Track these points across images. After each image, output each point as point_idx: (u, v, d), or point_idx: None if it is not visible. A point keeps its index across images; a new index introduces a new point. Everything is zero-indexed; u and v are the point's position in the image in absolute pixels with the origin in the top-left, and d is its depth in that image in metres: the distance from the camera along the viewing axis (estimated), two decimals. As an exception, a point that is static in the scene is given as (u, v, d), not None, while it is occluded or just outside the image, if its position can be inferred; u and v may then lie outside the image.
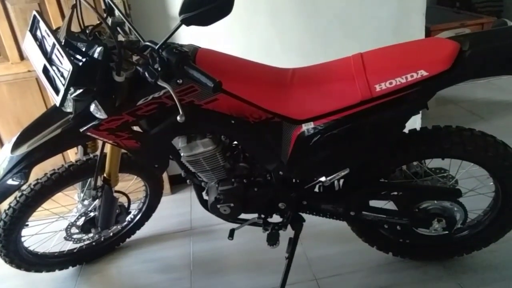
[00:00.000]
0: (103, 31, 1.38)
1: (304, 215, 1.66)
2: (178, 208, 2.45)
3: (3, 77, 2.20)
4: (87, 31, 1.35)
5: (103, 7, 1.42)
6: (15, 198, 1.61)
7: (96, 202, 1.74)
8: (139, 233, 2.18)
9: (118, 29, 1.40)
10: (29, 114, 2.28)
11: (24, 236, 1.74)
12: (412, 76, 1.24)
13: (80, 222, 1.78)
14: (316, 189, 1.59)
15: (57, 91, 1.21)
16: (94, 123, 1.31)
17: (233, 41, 2.35)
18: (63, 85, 1.17)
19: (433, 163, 1.57)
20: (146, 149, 1.41)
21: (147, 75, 1.18)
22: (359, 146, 1.36)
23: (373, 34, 2.45)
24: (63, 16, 2.12)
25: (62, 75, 1.19)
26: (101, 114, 1.25)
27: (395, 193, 1.53)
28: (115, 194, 1.74)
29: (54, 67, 1.22)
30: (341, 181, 1.57)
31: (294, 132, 1.36)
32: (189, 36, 2.29)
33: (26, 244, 1.79)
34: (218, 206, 1.57)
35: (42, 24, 1.26)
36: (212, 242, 2.13)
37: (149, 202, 2.07)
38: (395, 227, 1.57)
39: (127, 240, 2.16)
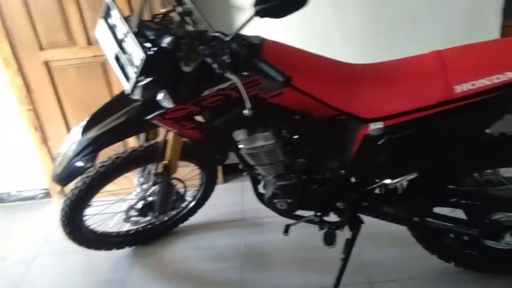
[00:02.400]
0: (172, 20, 1.38)
1: (362, 216, 1.60)
2: (229, 197, 2.46)
3: (71, 61, 2.29)
4: (156, 20, 1.35)
5: (173, -4, 1.42)
6: (82, 179, 1.67)
7: (155, 187, 1.78)
8: (192, 220, 2.21)
9: (186, 18, 1.40)
10: (94, 98, 2.36)
11: (86, 215, 1.81)
12: (498, 78, 1.14)
13: (139, 205, 1.83)
14: (377, 191, 1.52)
15: (127, 78, 1.23)
16: (160, 111, 1.33)
17: (292, 32, 2.28)
18: (134, 73, 1.18)
19: (508, 171, 1.46)
20: (208, 139, 1.41)
21: (215, 66, 1.16)
22: (432, 150, 1.28)
23: (442, 30, 2.31)
24: (129, 4, 2.16)
25: (133, 63, 1.20)
26: (168, 103, 1.25)
27: (466, 201, 1.44)
28: (173, 181, 1.77)
29: (125, 55, 1.23)
30: (405, 183, 1.49)
31: (361, 131, 1.30)
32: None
33: (88, 223, 1.86)
34: (275, 201, 1.55)
35: (115, 12, 1.28)
36: (263, 234, 2.12)
37: (204, 190, 2.09)
38: (462, 237, 1.48)
39: (180, 225, 2.20)
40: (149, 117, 1.35)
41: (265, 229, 2.17)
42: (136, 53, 1.18)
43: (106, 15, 1.31)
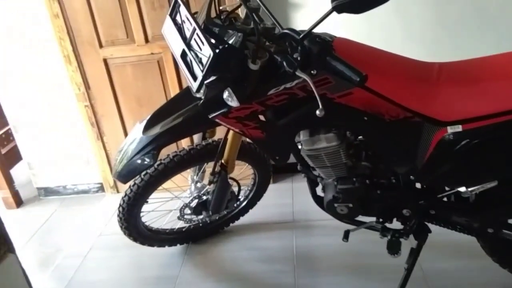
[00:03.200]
0: (238, 17, 1.35)
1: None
2: (280, 198, 2.42)
3: (129, 58, 2.32)
4: (222, 17, 1.33)
5: (239, -8, 1.39)
6: (140, 176, 1.68)
7: (211, 186, 1.76)
8: (242, 220, 2.19)
9: (252, 15, 1.36)
10: (149, 95, 2.39)
11: (142, 212, 1.83)
12: None
13: (194, 204, 1.83)
14: (447, 198, 1.43)
15: (194, 76, 1.21)
16: (223, 110, 1.30)
17: (351, 28, 2.21)
18: (201, 71, 1.16)
19: None
20: (271, 140, 1.37)
21: (285, 64, 1.12)
22: (517, 157, 1.18)
23: (515, 28, 2.16)
24: (188, 3, 2.16)
25: (200, 61, 1.19)
26: (233, 102, 1.23)
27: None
28: (229, 181, 1.75)
29: (192, 52, 1.22)
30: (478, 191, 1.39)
31: (436, 135, 1.22)
32: (302, 20, 2.21)
33: (143, 219, 1.88)
34: (336, 205, 1.49)
35: (182, 9, 1.26)
36: (315, 237, 2.07)
37: (256, 190, 2.06)
38: (542, 251, 1.37)
39: (231, 225, 2.18)
40: (212, 115, 1.33)
41: (317, 232, 2.11)
42: (204, 51, 1.16)
43: (173, 12, 1.30)
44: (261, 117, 1.32)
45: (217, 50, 1.13)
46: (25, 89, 2.49)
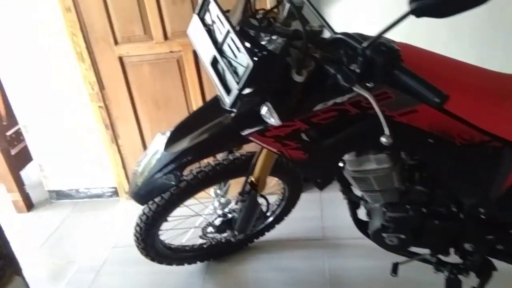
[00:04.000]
0: (277, 17, 1.14)
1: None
2: (307, 210, 2.22)
3: (146, 57, 2.14)
4: (258, 16, 1.12)
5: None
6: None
7: (238, 205, 1.57)
8: (268, 234, 2.00)
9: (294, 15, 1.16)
10: (167, 96, 2.21)
11: (161, 230, 1.65)
12: None
13: (218, 222, 1.64)
14: None
15: (225, 88, 1.01)
16: (259, 127, 1.11)
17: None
18: (237, 83, 0.96)
19: None
20: (314, 161, 1.17)
21: (340, 78, 0.92)
22: None
23: None
24: None
25: (235, 71, 0.99)
26: (273, 120, 1.03)
27: None
28: (259, 200, 1.56)
29: (224, 60, 1.02)
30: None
31: (520, 163, 1.01)
32: (336, 18, 1.99)
33: (162, 238, 1.71)
34: (384, 235, 1.29)
35: (213, 7, 1.06)
36: (350, 260, 1.87)
37: (285, 206, 1.87)
38: None
39: (255, 240, 2.00)
40: (245, 133, 1.13)
41: (350, 252, 1.91)
42: (240, 59, 0.96)
43: (202, 11, 1.10)
44: (303, 136, 1.12)
45: (257, 60, 0.93)
46: (36, 87, 2.33)
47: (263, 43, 1.02)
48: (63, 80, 2.28)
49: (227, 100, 1.00)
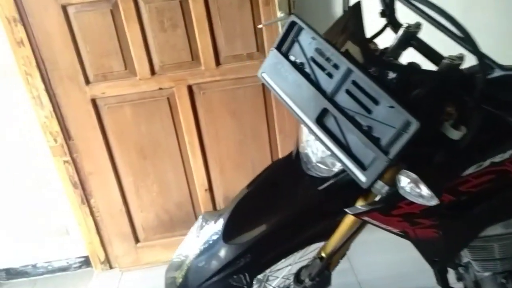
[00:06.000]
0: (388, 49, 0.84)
1: None
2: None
3: (128, 96, 1.72)
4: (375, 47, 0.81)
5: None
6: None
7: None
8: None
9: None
10: (155, 142, 1.80)
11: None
12: None
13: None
14: None
15: (357, 161, 0.68)
16: (383, 204, 0.78)
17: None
18: (384, 150, 0.64)
19: None
20: (446, 239, 0.86)
21: None
22: None
23: None
24: (209, 18, 1.61)
25: (368, 132, 0.66)
26: (428, 199, 0.70)
27: None
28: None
29: (341, 115, 0.69)
30: None
31: None
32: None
33: None
34: (505, 312, 1.02)
35: (308, 36, 0.73)
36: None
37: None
38: None
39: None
40: (358, 212, 0.80)
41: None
42: (385, 115, 0.64)
43: (288, 43, 0.76)
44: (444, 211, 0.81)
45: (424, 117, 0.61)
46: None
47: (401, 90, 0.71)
48: (15, 128, 1.78)
49: (363, 178, 0.67)
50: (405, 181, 0.71)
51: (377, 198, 0.85)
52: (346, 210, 0.82)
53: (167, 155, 1.82)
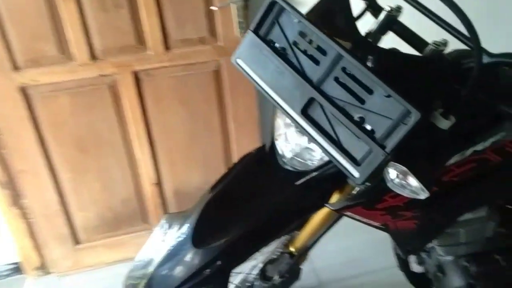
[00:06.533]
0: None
1: None
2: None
3: (64, 84, 1.54)
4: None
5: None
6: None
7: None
8: None
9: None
10: (96, 135, 1.64)
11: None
12: None
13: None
14: None
15: (349, 155, 0.63)
16: (367, 198, 0.74)
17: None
18: (379, 144, 0.59)
19: None
20: (423, 229, 0.85)
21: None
22: None
23: None
24: None
25: (361, 125, 0.61)
26: (419, 191, 0.67)
27: None
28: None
29: (330, 105, 0.63)
30: None
31: None
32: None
33: None
34: (469, 294, 1.05)
35: (289, 17, 0.66)
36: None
37: None
38: None
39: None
40: (341, 206, 0.76)
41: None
42: (380, 105, 0.59)
43: (263, 25, 0.69)
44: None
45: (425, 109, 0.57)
46: None
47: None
48: None
49: (356, 173, 0.62)
50: (393, 174, 0.68)
51: (354, 192, 0.81)
52: (327, 205, 0.77)
53: (111, 148, 1.67)
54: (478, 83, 0.61)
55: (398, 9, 0.77)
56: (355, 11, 0.79)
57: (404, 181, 0.67)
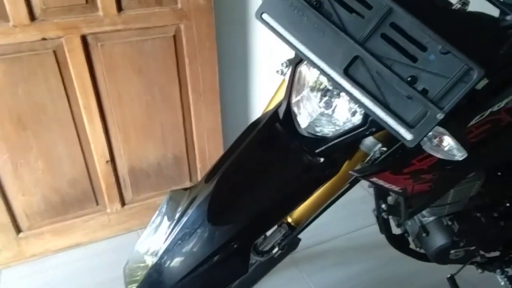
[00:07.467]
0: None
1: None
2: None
3: (-2, 49, 1.30)
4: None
5: None
6: None
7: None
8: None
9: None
10: (38, 108, 1.44)
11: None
12: None
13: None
14: None
15: (399, 117, 0.59)
16: (396, 162, 0.72)
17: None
18: (435, 104, 0.57)
19: None
20: (435, 191, 0.86)
21: None
22: None
23: None
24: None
25: (412, 85, 0.58)
26: (458, 151, 0.66)
27: None
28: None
29: (378, 65, 0.59)
30: None
31: None
32: None
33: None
34: (453, 251, 1.11)
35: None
36: (333, 270, 1.65)
37: None
38: None
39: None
40: (368, 172, 0.73)
41: (331, 261, 1.68)
42: (437, 62, 0.56)
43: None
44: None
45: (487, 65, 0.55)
46: None
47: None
48: None
49: (409, 136, 0.59)
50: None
51: (372, 158, 0.79)
52: (352, 172, 0.74)
53: (56, 123, 1.47)
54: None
55: None
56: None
57: (439, 143, 0.66)
